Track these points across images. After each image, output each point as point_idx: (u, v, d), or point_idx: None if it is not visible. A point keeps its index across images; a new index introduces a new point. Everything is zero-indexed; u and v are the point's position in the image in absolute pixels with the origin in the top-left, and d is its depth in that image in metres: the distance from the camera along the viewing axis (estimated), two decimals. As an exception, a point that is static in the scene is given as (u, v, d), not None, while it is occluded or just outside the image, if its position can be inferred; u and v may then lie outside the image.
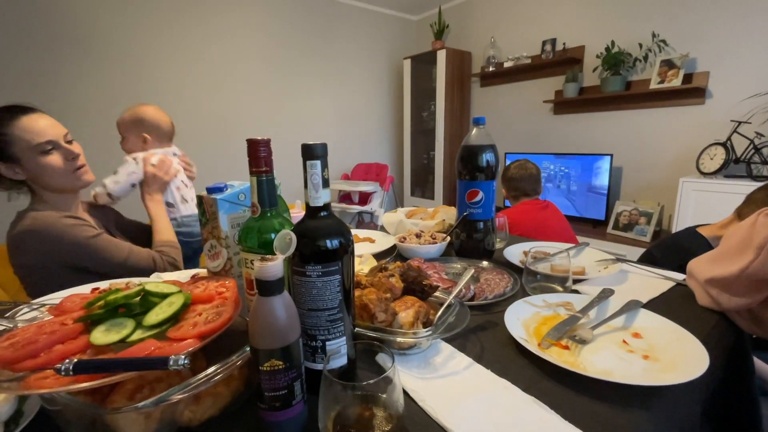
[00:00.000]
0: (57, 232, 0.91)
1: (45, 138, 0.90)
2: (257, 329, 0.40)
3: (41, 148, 0.90)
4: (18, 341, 0.42)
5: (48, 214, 0.92)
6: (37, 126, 0.90)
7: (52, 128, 0.93)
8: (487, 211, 0.97)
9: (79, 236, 0.93)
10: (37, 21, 2.44)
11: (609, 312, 0.68)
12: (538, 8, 3.22)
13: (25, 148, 0.90)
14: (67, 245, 0.91)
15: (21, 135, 0.89)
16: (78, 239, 0.92)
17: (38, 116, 0.93)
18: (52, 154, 0.92)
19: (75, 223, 0.94)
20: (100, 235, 0.97)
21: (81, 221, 0.96)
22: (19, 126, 0.89)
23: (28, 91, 2.45)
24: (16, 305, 0.71)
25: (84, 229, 0.95)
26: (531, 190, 1.72)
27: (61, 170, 0.94)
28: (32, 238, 0.89)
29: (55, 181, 0.95)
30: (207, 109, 3.15)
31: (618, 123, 2.85)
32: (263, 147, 0.51)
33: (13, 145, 0.89)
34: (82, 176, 0.98)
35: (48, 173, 0.93)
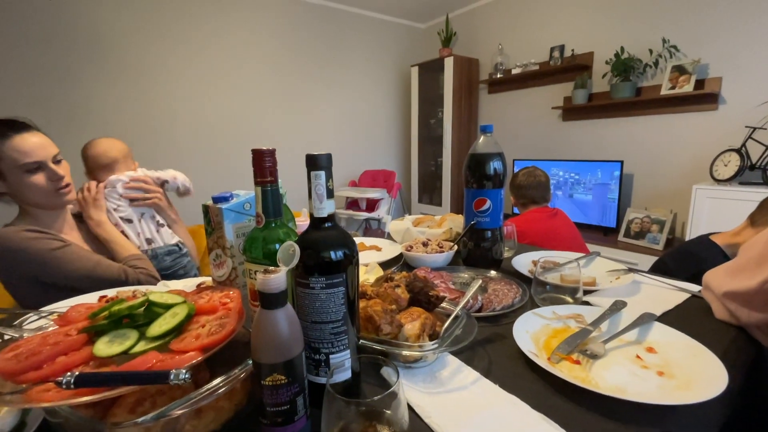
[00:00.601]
0: (16, 246, 0.90)
1: (32, 159, 0.92)
2: (259, 343, 0.39)
3: (27, 168, 0.92)
4: (21, 352, 0.41)
5: (8, 230, 0.92)
6: (27, 146, 0.92)
7: (41, 149, 0.94)
8: (495, 219, 0.95)
9: (41, 248, 0.91)
10: (50, 31, 2.51)
11: (621, 325, 0.66)
12: (546, 15, 3.21)
13: (12, 166, 0.92)
14: (29, 259, 0.90)
15: (10, 154, 0.91)
16: (40, 251, 0.91)
17: (31, 135, 0.94)
18: (37, 174, 0.94)
19: (36, 236, 0.92)
20: (66, 247, 0.95)
21: (44, 234, 0.94)
22: (10, 145, 0.91)
23: (41, 100, 2.51)
24: (24, 313, 0.72)
25: (46, 241, 0.93)
26: (540, 197, 1.70)
27: (43, 189, 0.95)
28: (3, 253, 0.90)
29: (38, 199, 0.97)
30: (214, 116, 3.19)
31: (628, 129, 2.82)
32: (268, 157, 0.51)
33: (1, 162, 0.91)
34: (64, 196, 1.00)
35: (31, 191, 0.95)
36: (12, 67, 2.41)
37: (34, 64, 2.47)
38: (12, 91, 2.41)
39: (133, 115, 2.84)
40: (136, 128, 2.85)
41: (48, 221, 1.01)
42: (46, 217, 1.00)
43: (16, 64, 2.42)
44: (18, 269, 0.91)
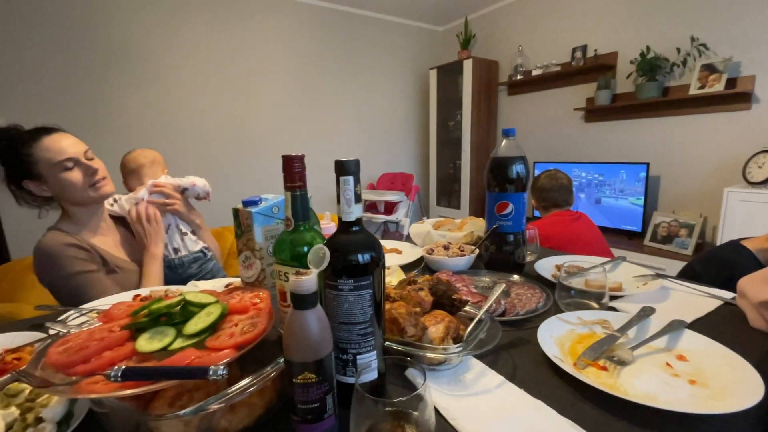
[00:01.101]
0: (54, 253, 0.94)
1: (65, 156, 0.96)
2: (291, 342, 0.41)
3: (62, 165, 0.96)
4: (71, 346, 0.44)
5: (49, 238, 0.97)
6: (58, 145, 0.96)
7: (72, 146, 0.98)
8: (517, 223, 0.95)
9: (71, 265, 0.94)
10: (77, 44, 2.64)
11: (650, 332, 0.65)
12: (567, 15, 3.16)
13: (48, 166, 0.95)
14: (60, 267, 0.94)
15: (43, 154, 0.95)
16: (70, 267, 0.94)
17: (59, 136, 0.98)
18: (73, 170, 0.97)
19: (73, 254, 0.96)
20: (92, 273, 0.97)
21: (81, 251, 0.97)
22: (41, 146, 0.95)
23: (69, 107, 2.63)
24: (66, 310, 0.76)
25: (79, 261, 0.96)
26: (562, 200, 1.68)
27: (80, 185, 0.98)
28: (36, 258, 0.95)
29: (77, 195, 1.00)
30: (236, 121, 3.28)
31: (654, 130, 2.74)
32: (297, 163, 0.52)
33: (37, 164, 0.95)
34: (101, 189, 1.02)
35: (69, 188, 0.98)
36: (45, 76, 2.54)
37: (66, 73, 2.60)
38: (45, 97, 2.55)
39: (157, 120, 2.95)
40: (159, 132, 2.96)
41: (86, 221, 1.05)
42: (84, 217, 1.04)
43: (49, 73, 2.55)
44: (54, 272, 0.95)
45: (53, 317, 0.70)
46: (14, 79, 2.45)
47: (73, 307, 0.76)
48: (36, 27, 2.48)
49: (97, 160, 1.04)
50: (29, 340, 0.66)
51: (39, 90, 2.52)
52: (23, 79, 2.48)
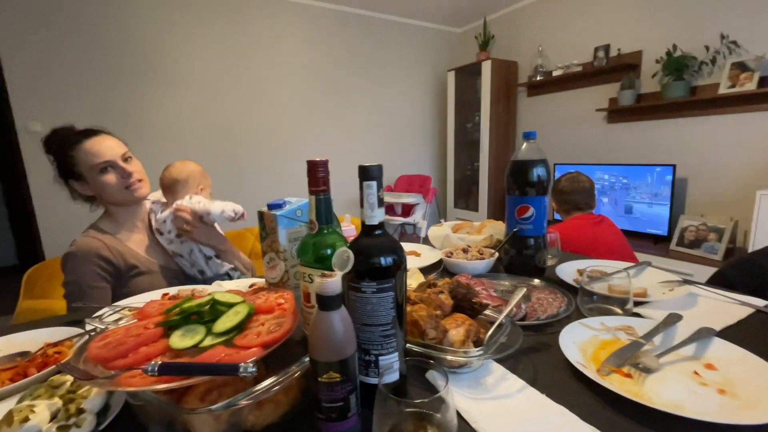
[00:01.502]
0: (81, 256, 0.99)
1: (102, 159, 1.01)
2: (317, 342, 0.42)
3: (98, 168, 1.01)
4: (110, 342, 0.47)
5: (83, 241, 1.01)
6: (98, 148, 1.01)
7: (110, 150, 1.03)
8: (538, 227, 0.94)
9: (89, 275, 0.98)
10: (114, 53, 2.76)
11: (677, 339, 0.63)
12: (589, 14, 3.10)
13: (87, 168, 1.01)
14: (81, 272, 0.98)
15: (83, 157, 1.01)
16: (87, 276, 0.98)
17: (101, 138, 1.03)
18: (109, 173, 1.02)
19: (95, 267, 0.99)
20: (101, 289, 0.99)
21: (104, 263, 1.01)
22: (83, 149, 1.01)
23: (103, 112, 2.75)
24: (100, 308, 0.80)
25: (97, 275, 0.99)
26: (584, 203, 1.64)
27: (116, 187, 1.03)
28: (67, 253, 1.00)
29: (113, 196, 1.05)
30: (259, 124, 3.36)
31: (681, 131, 2.65)
32: (321, 168, 0.54)
33: (79, 165, 1.02)
34: (136, 191, 1.07)
35: (106, 189, 1.03)
36: (82, 83, 2.67)
37: (100, 80, 2.72)
38: (82, 102, 2.67)
39: (182, 122, 3.05)
40: (185, 135, 3.06)
41: (124, 220, 1.10)
42: (123, 216, 1.10)
43: (85, 80, 2.68)
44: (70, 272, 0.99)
45: (89, 314, 0.74)
46: (54, 85, 2.58)
47: (107, 305, 0.80)
48: (74, 38, 2.61)
49: (135, 163, 1.08)
50: (68, 335, 0.70)
51: (77, 95, 2.65)
52: (62, 85, 2.61)
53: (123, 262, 1.04)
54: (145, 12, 2.81)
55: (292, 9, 3.36)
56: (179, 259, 1.16)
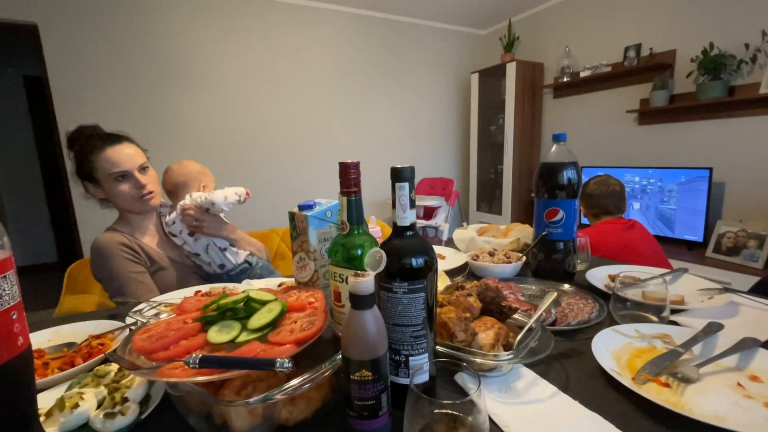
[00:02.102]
0: (107, 252, 1.03)
1: (119, 169, 1.05)
2: (350, 340, 0.43)
3: (114, 176, 1.06)
4: (153, 335, 0.49)
5: (106, 237, 1.07)
6: (117, 157, 1.05)
7: (129, 160, 1.07)
8: (568, 230, 0.92)
9: (121, 265, 1.03)
10: (150, 61, 2.88)
11: (718, 349, 0.60)
12: (619, 13, 3.01)
13: (104, 175, 1.06)
14: (110, 267, 1.03)
15: (102, 164, 1.05)
16: (119, 267, 1.03)
17: (122, 147, 1.07)
18: (123, 182, 1.07)
19: (124, 255, 1.05)
20: (136, 274, 1.05)
21: (132, 254, 1.06)
22: (104, 156, 1.05)
23: (130, 114, 2.88)
24: (137, 303, 0.84)
25: (129, 263, 1.05)
26: (614, 207, 1.60)
27: (129, 196, 1.08)
28: (92, 254, 1.05)
29: (125, 204, 1.10)
30: (285, 127, 3.43)
31: (718, 133, 2.53)
32: (353, 170, 0.55)
33: (96, 171, 1.06)
34: (147, 202, 1.11)
35: (119, 197, 1.08)
36: (110, 87, 2.80)
37: (127, 83, 2.86)
38: (126, 106, 2.81)
39: (212, 126, 3.15)
40: (214, 138, 3.16)
41: (138, 223, 1.15)
42: (136, 220, 1.15)
43: (113, 84, 2.81)
44: (106, 270, 1.05)
45: (129, 308, 0.77)
46: (94, 92, 2.73)
47: (145, 301, 0.84)
48: (114, 47, 2.75)
49: (150, 173, 1.13)
50: (110, 328, 0.74)
51: (116, 101, 2.79)
52: (102, 91, 2.75)
53: (144, 256, 1.09)
54: (179, 21, 2.93)
55: (319, 15, 3.42)
56: (197, 258, 1.20)
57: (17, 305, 0.34)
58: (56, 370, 0.60)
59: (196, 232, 1.16)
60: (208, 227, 1.15)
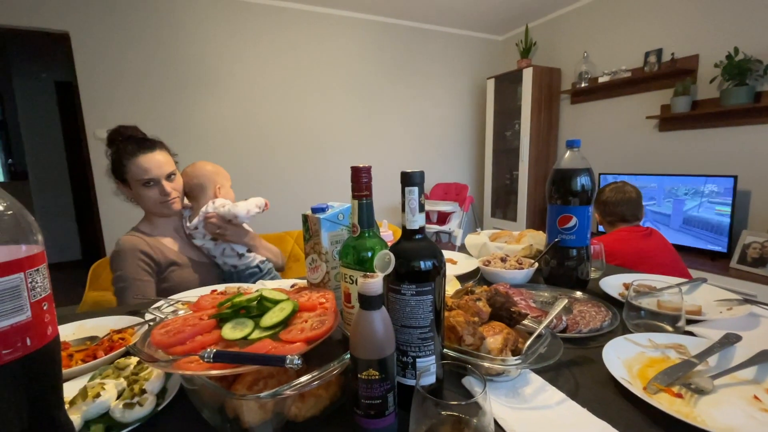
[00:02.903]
0: (125, 254, 1.09)
1: (149, 176, 1.12)
2: (358, 340, 0.44)
3: (143, 182, 1.13)
4: (170, 330, 0.51)
5: (128, 238, 1.12)
6: (148, 164, 1.12)
7: (158, 168, 1.13)
8: (581, 237, 0.91)
9: (133, 268, 1.08)
10: (174, 67, 2.98)
11: (734, 361, 0.59)
12: (639, 17, 2.97)
13: (134, 179, 1.13)
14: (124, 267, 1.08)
15: (134, 169, 1.12)
16: (131, 269, 1.08)
17: (155, 154, 1.14)
18: (151, 188, 1.14)
19: (139, 261, 1.10)
20: (139, 282, 1.08)
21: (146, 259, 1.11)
22: (136, 162, 1.12)
23: (157, 118, 2.97)
24: (156, 300, 0.87)
25: (140, 269, 1.09)
26: (630, 215, 1.57)
27: (154, 200, 1.15)
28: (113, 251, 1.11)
29: (149, 208, 1.17)
30: (301, 131, 3.49)
31: (744, 140, 2.46)
32: (365, 174, 0.56)
33: (127, 174, 1.13)
34: (170, 207, 1.18)
35: (145, 201, 1.15)
36: (138, 93, 2.91)
37: (154, 90, 2.96)
38: (150, 111, 2.92)
39: (230, 129, 3.23)
40: (232, 142, 3.24)
41: (161, 225, 1.21)
42: (159, 221, 1.21)
43: (140, 91, 2.92)
44: (116, 267, 1.10)
45: (148, 305, 0.80)
46: (120, 97, 2.84)
47: (163, 298, 0.87)
48: (140, 54, 2.86)
49: (177, 180, 1.19)
50: (130, 323, 0.77)
51: (140, 106, 2.90)
52: (128, 97, 2.86)
53: (162, 258, 1.14)
54: (202, 29, 3.03)
55: (337, 21, 3.48)
56: (213, 258, 1.26)
57: (48, 297, 0.36)
58: (80, 362, 0.63)
59: (218, 239, 1.22)
60: (230, 236, 1.21)
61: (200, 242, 1.23)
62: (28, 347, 0.33)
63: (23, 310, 0.33)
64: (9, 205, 0.34)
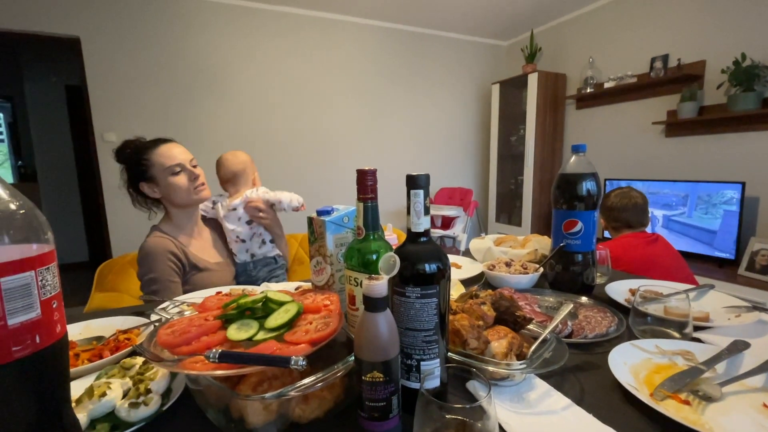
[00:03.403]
0: (154, 255, 1.09)
1: (175, 161, 1.11)
2: (362, 342, 0.44)
3: (171, 170, 1.11)
4: (176, 330, 0.52)
5: (155, 240, 1.11)
6: (171, 153, 1.12)
7: (181, 154, 1.14)
8: (586, 242, 0.91)
9: (163, 270, 1.08)
10: (181, 73, 3.02)
11: (743, 368, 0.58)
12: (644, 24, 2.96)
13: (160, 170, 1.11)
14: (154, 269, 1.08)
15: (158, 159, 1.11)
16: (161, 271, 1.08)
17: (173, 145, 1.15)
18: (179, 174, 1.12)
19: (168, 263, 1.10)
20: (171, 283, 1.09)
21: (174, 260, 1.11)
22: (157, 153, 1.11)
23: (167, 122, 3.00)
24: (162, 301, 0.87)
25: (169, 270, 1.10)
26: (635, 221, 1.55)
27: (184, 187, 1.13)
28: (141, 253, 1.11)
29: (180, 197, 1.14)
30: (308, 135, 3.51)
31: (751, 146, 2.44)
32: (370, 177, 0.57)
33: (152, 168, 1.11)
34: (201, 192, 1.16)
35: (175, 190, 1.12)
36: (148, 97, 2.94)
37: (164, 94, 2.99)
38: (157, 115, 2.95)
39: (238, 133, 3.26)
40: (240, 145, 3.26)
41: (183, 224, 1.20)
42: (182, 220, 1.19)
43: (151, 94, 2.95)
44: (147, 270, 1.09)
45: (154, 306, 0.81)
46: (128, 102, 2.88)
47: (169, 299, 0.87)
48: (148, 59, 2.90)
49: (199, 168, 1.18)
50: (136, 323, 0.77)
51: (148, 110, 2.94)
52: (136, 101, 2.90)
53: (186, 261, 1.15)
54: (210, 35, 3.07)
55: (344, 27, 3.51)
56: (240, 244, 1.30)
57: (57, 295, 0.37)
58: (86, 361, 0.64)
59: (255, 221, 1.29)
60: (268, 221, 1.29)
61: (232, 225, 1.29)
62: (37, 344, 0.34)
63: (33, 307, 0.34)
64: (22, 205, 0.35)
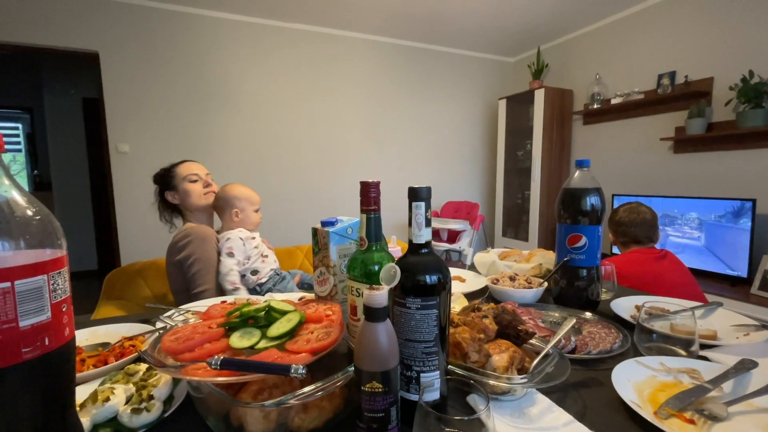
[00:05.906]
0: (208, 237, 1.31)
1: (193, 172, 1.40)
2: (362, 351, 0.44)
3: (189, 178, 1.39)
4: (180, 336, 0.52)
5: (207, 228, 1.35)
6: (191, 167, 1.42)
7: (200, 169, 1.43)
8: (591, 257, 0.90)
9: (210, 251, 1.29)
10: (194, 84, 3.10)
11: (750, 388, 0.57)
12: (651, 41, 2.98)
13: (180, 179, 1.39)
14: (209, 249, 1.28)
15: (182, 170, 1.40)
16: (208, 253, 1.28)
17: (193, 162, 1.45)
18: (195, 182, 1.39)
19: (213, 249, 1.31)
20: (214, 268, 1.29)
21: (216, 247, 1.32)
22: (181, 167, 1.42)
23: (185, 135, 3.07)
24: (167, 309, 0.89)
25: (216, 255, 1.31)
26: (644, 237, 1.54)
27: (198, 193, 1.39)
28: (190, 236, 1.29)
29: (193, 199, 1.38)
30: (315, 149, 3.56)
31: (761, 163, 2.41)
32: (373, 189, 0.58)
33: (174, 178, 1.40)
34: (209, 198, 1.41)
35: (189, 194, 1.38)
36: (163, 111, 3.02)
37: (177, 109, 3.07)
38: (171, 128, 3.03)
39: (247, 146, 3.32)
40: (249, 158, 3.32)
41: (204, 220, 1.42)
42: (204, 218, 1.42)
43: (165, 109, 3.03)
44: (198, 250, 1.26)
45: (159, 313, 0.82)
46: (142, 114, 2.96)
47: (173, 307, 0.89)
48: (162, 73, 2.99)
49: (212, 182, 1.45)
50: (141, 331, 0.78)
51: (161, 123, 3.01)
52: (149, 114, 2.98)
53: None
54: (225, 51, 3.16)
55: (353, 43, 3.59)
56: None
57: (67, 299, 0.38)
58: (91, 367, 0.64)
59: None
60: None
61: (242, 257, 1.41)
62: (46, 346, 0.35)
63: (44, 310, 0.35)
64: (38, 211, 0.36)
